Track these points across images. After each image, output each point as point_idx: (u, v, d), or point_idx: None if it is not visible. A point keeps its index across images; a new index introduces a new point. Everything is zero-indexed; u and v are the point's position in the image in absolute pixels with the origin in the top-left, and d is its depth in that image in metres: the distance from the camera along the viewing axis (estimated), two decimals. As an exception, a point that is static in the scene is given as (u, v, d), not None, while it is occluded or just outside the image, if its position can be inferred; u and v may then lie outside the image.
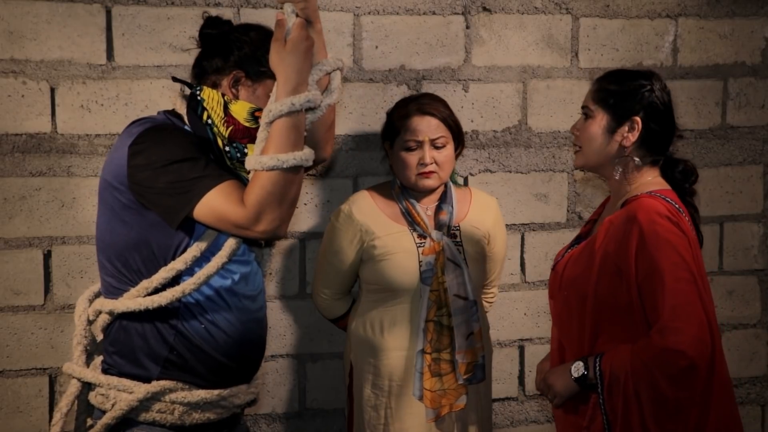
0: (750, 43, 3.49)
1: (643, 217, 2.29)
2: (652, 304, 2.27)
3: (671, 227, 2.29)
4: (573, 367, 2.37)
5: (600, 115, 2.45)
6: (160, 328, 2.23)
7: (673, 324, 2.22)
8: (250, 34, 2.32)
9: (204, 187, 2.12)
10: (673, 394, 2.25)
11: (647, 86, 2.44)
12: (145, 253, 2.20)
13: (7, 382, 2.96)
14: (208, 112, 2.23)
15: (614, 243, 2.33)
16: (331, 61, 2.22)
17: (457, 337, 2.81)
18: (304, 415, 3.23)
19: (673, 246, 2.27)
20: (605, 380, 2.30)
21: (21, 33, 2.89)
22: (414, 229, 2.88)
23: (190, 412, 2.25)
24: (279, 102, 2.10)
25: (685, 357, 2.21)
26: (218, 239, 2.23)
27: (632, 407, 2.28)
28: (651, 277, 2.26)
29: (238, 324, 2.28)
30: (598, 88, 2.48)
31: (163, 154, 2.14)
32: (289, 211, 2.15)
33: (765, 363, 3.60)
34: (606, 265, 2.34)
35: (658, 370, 2.24)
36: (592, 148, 2.46)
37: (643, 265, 2.28)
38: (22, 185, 2.93)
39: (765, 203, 3.56)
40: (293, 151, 2.10)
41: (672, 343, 2.21)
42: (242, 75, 2.28)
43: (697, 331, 2.23)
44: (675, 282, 2.24)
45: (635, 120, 2.42)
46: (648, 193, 2.38)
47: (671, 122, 2.48)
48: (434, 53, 3.23)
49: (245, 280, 2.31)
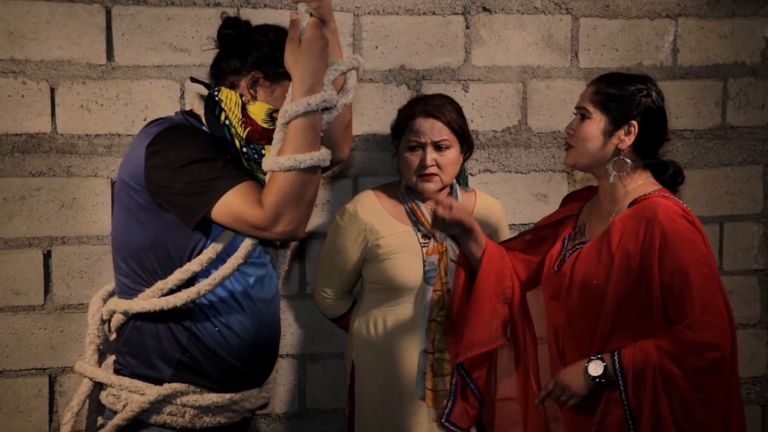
0: (750, 43, 3.50)
1: (664, 217, 2.37)
2: (679, 300, 2.34)
3: (689, 226, 2.40)
4: (591, 366, 2.40)
5: (598, 117, 2.49)
6: (173, 329, 2.22)
7: (704, 318, 2.32)
8: (268, 34, 2.30)
9: (222, 188, 2.11)
10: (705, 386, 2.34)
11: (645, 91, 2.50)
12: (161, 254, 2.19)
13: (7, 382, 2.96)
14: (225, 112, 2.21)
15: (634, 243, 2.39)
16: (346, 61, 2.20)
17: (458, 337, 2.82)
18: (304, 415, 3.23)
19: (693, 243, 2.37)
20: (629, 376, 2.35)
21: (21, 33, 2.89)
22: (418, 229, 2.88)
23: (201, 416, 2.24)
24: (295, 102, 2.09)
25: (718, 348, 2.31)
26: (234, 241, 2.21)
27: (662, 401, 2.34)
28: (677, 275, 2.34)
29: (252, 327, 2.27)
30: (596, 91, 2.53)
31: (180, 154, 2.13)
32: (307, 212, 2.14)
33: (765, 363, 3.60)
34: (626, 265, 2.39)
35: (691, 364, 2.32)
36: (588, 148, 2.51)
37: (667, 264, 2.35)
38: (22, 185, 2.93)
39: (765, 203, 3.56)
40: (310, 152, 2.09)
41: (704, 337, 2.31)
42: (260, 76, 2.27)
43: (725, 324, 2.34)
44: (700, 278, 2.34)
45: (633, 124, 2.47)
46: (658, 194, 2.45)
47: (664, 126, 2.54)
48: (434, 53, 3.23)
49: (260, 283, 2.30)
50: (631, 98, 2.48)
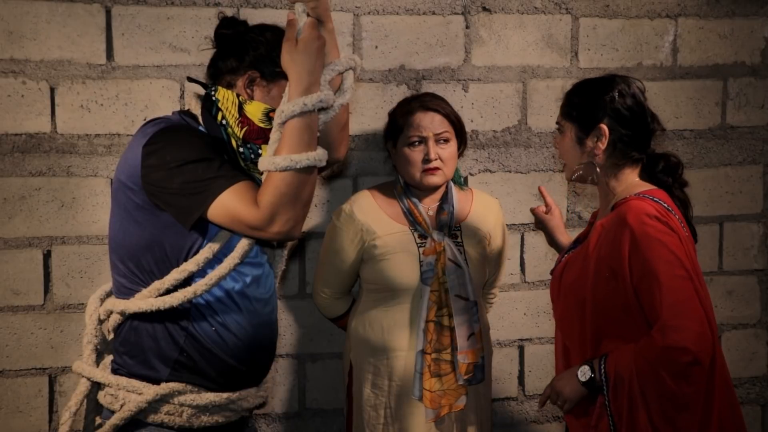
0: (750, 43, 3.49)
1: (633, 219, 2.33)
2: (650, 304, 2.29)
3: (661, 227, 2.32)
4: (579, 372, 2.39)
5: (568, 127, 2.49)
6: (170, 329, 2.22)
7: (673, 322, 2.25)
8: (265, 34, 2.30)
9: (218, 188, 2.11)
10: (679, 390, 2.29)
11: (609, 92, 2.45)
12: (157, 254, 2.19)
13: (7, 382, 2.96)
14: (222, 112, 2.22)
15: (606, 246, 2.37)
16: (343, 61, 2.20)
17: (458, 337, 2.81)
18: (304, 415, 3.23)
19: (664, 245, 2.30)
20: (610, 381, 2.34)
21: (21, 33, 2.89)
22: (415, 228, 2.88)
23: (199, 415, 2.25)
24: (291, 102, 2.09)
25: (688, 353, 2.24)
26: (231, 241, 2.21)
27: (638, 406, 2.31)
28: (646, 278, 2.29)
29: (249, 327, 2.27)
30: (564, 103, 2.53)
31: (177, 154, 2.13)
32: (303, 212, 2.14)
33: (765, 363, 3.60)
34: (600, 269, 2.37)
35: (663, 368, 2.27)
36: (570, 160, 2.51)
37: (637, 267, 2.31)
38: (22, 185, 2.93)
39: (765, 203, 3.56)
40: (306, 152, 2.09)
41: (673, 341, 2.24)
42: (257, 75, 2.27)
43: (697, 326, 2.26)
44: (671, 280, 2.28)
45: (600, 128, 2.44)
46: (636, 195, 2.41)
47: (643, 122, 2.47)
48: (434, 53, 3.23)
49: (257, 282, 2.30)
50: (595, 102, 2.44)
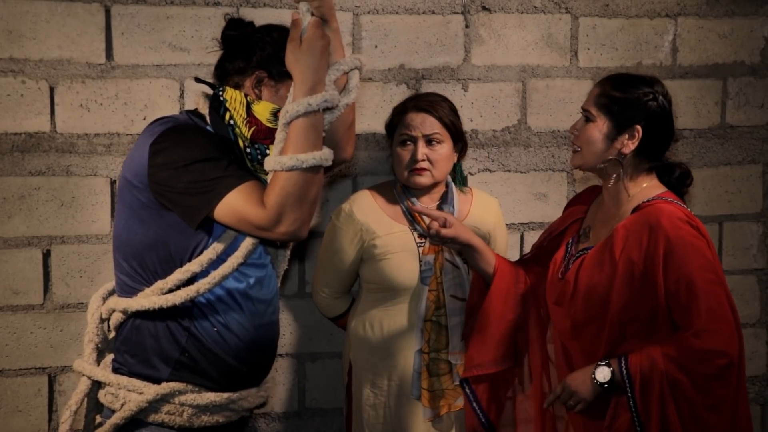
0: (749, 43, 3.49)
1: (667, 224, 2.34)
2: (685, 308, 2.32)
3: (694, 231, 2.36)
4: (598, 372, 2.39)
5: (601, 120, 2.45)
6: (172, 329, 2.22)
7: (711, 326, 2.30)
8: (272, 34, 2.30)
9: (225, 187, 2.11)
10: (713, 392, 2.33)
11: (650, 95, 2.44)
12: (162, 254, 2.19)
13: (7, 381, 2.96)
14: (230, 112, 2.21)
15: (638, 250, 2.36)
16: (348, 61, 2.20)
17: (452, 338, 2.81)
18: (304, 415, 3.23)
19: (698, 250, 2.34)
20: (636, 382, 2.35)
21: (20, 32, 2.89)
22: (415, 228, 2.88)
23: (199, 415, 2.25)
24: (296, 102, 2.09)
25: (725, 356, 2.30)
26: (236, 242, 2.21)
27: (669, 407, 2.33)
28: (682, 282, 2.32)
29: (251, 328, 2.27)
30: (600, 93, 2.48)
31: (184, 153, 2.13)
32: (310, 212, 2.14)
33: (764, 362, 3.60)
34: (630, 273, 2.37)
35: (699, 371, 2.31)
36: (591, 151, 2.47)
37: (672, 272, 2.32)
38: (22, 184, 2.93)
39: (764, 203, 3.56)
40: (312, 151, 2.09)
41: (711, 345, 2.30)
42: (265, 75, 2.27)
43: (731, 330, 2.32)
44: (706, 285, 2.32)
45: (637, 129, 2.43)
46: (661, 199, 2.41)
47: (670, 129, 2.50)
48: (434, 52, 3.23)
49: (260, 284, 2.30)
50: (635, 102, 2.43)
